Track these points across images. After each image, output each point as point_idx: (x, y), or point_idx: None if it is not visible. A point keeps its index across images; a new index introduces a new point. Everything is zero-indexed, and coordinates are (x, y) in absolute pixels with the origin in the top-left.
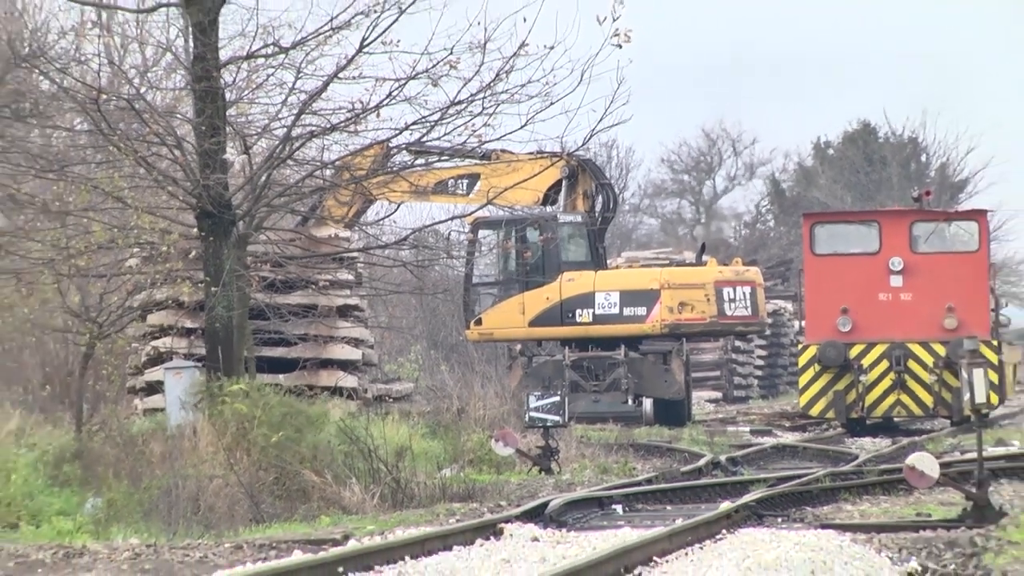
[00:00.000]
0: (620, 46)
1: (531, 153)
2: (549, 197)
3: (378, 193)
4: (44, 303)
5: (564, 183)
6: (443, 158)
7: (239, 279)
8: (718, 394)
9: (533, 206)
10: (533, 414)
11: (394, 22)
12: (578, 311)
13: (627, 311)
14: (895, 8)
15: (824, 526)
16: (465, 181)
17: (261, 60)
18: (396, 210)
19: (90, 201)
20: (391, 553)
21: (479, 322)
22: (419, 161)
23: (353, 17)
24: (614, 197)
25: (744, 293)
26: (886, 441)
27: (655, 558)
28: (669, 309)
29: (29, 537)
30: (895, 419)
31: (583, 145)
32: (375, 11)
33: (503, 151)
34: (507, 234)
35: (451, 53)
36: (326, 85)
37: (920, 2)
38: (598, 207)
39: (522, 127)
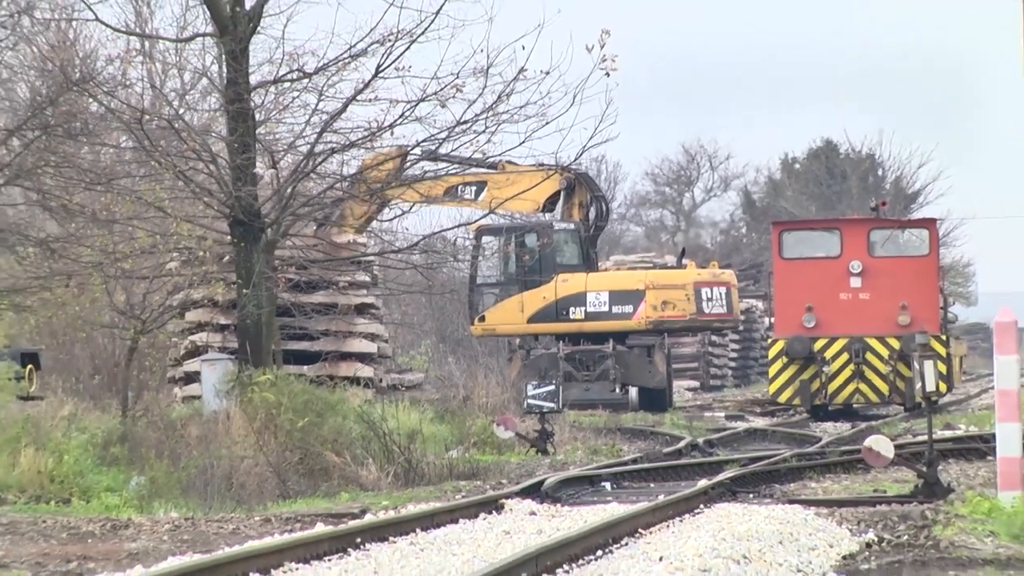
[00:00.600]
0: (608, 74)
1: (533, 165)
2: (547, 206)
3: (395, 197)
4: (93, 302)
5: (562, 194)
6: (453, 166)
7: (267, 280)
8: (696, 383)
9: (532, 214)
10: (531, 401)
11: (406, 50)
12: (572, 309)
13: (616, 309)
14: (856, 34)
15: (791, 501)
16: (473, 187)
17: (287, 84)
18: (409, 209)
19: (134, 211)
20: (404, 526)
21: (483, 319)
22: (428, 172)
23: (369, 46)
24: (606, 207)
25: (720, 293)
26: (846, 425)
27: (640, 530)
28: (653, 307)
29: (80, 511)
30: (854, 405)
31: (575, 160)
32: (389, 40)
33: (508, 162)
34: (507, 240)
35: (457, 77)
36: (345, 107)
37: (877, 29)
38: (592, 216)
39: (520, 144)
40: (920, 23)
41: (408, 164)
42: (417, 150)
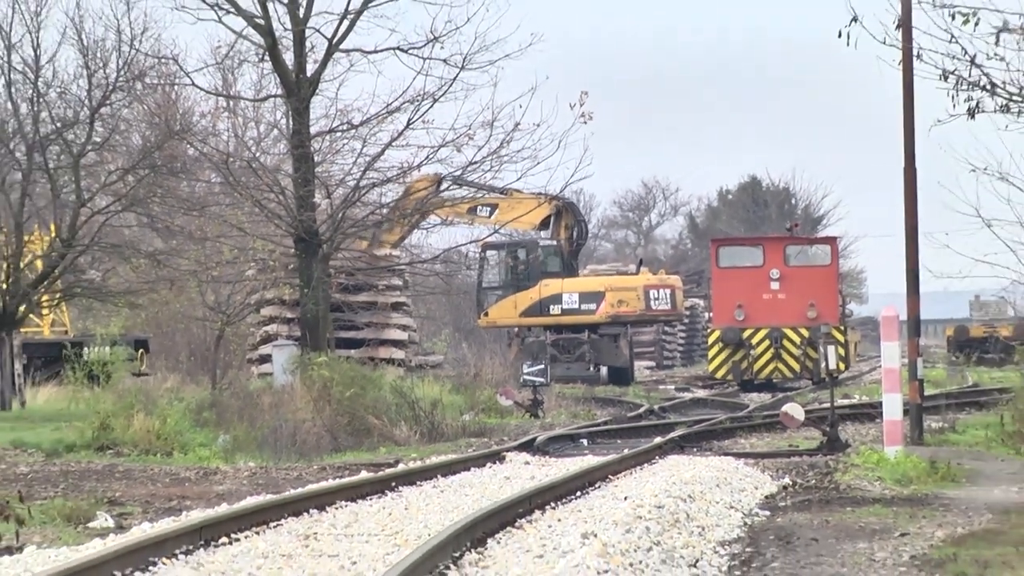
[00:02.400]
0: (585, 122)
1: (533, 194)
2: (541, 226)
3: (432, 212)
4: (190, 301)
5: (552, 217)
6: (474, 190)
7: (323, 284)
8: (652, 363)
9: (529, 232)
10: (526, 377)
11: (430, 107)
12: (551, 306)
13: (584, 306)
14: (771, 91)
15: (725, 454)
16: (488, 208)
17: (339, 134)
18: (442, 222)
19: (221, 231)
20: (428, 472)
21: (487, 314)
22: (447, 201)
23: (402, 104)
24: (585, 229)
25: (665, 294)
26: (768, 395)
27: (610, 476)
28: (611, 304)
29: (180, 461)
30: (774, 380)
31: (561, 192)
32: (417, 100)
33: (515, 190)
34: (506, 253)
35: (469, 128)
36: (383, 151)
37: (789, 96)
38: (575, 235)
39: (517, 180)
40: (827, 87)
41: (444, 188)
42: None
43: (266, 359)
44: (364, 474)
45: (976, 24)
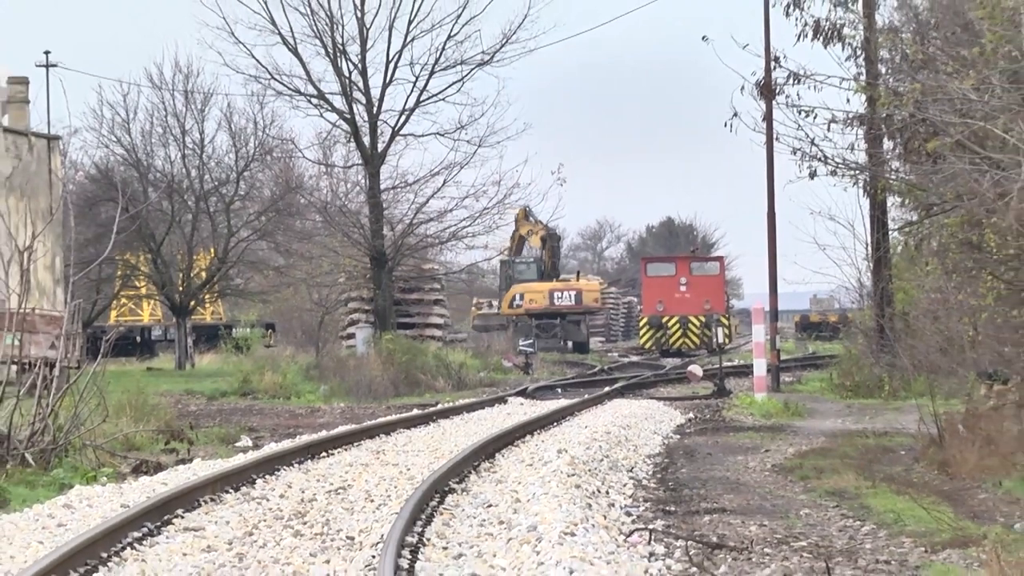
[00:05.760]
0: (561, 184)
1: (541, 225)
2: (542, 245)
3: (526, 231)
4: (302, 298)
5: (542, 242)
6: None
7: (389, 287)
8: (603, 338)
9: (535, 248)
10: (521, 347)
11: (458, 172)
12: (515, 302)
13: (520, 303)
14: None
15: (651, 398)
16: (531, 231)
17: (398, 189)
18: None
19: (322, 252)
20: (457, 410)
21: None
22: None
23: (439, 170)
24: (559, 251)
25: (570, 294)
26: (678, 360)
27: (576, 412)
28: (527, 302)
29: (295, 403)
30: (682, 350)
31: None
32: (449, 167)
33: (538, 220)
34: (507, 266)
35: (484, 185)
36: (427, 200)
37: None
38: (555, 256)
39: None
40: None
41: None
42: (465, 222)
43: (351, 336)
44: (415, 411)
45: (814, 117)
